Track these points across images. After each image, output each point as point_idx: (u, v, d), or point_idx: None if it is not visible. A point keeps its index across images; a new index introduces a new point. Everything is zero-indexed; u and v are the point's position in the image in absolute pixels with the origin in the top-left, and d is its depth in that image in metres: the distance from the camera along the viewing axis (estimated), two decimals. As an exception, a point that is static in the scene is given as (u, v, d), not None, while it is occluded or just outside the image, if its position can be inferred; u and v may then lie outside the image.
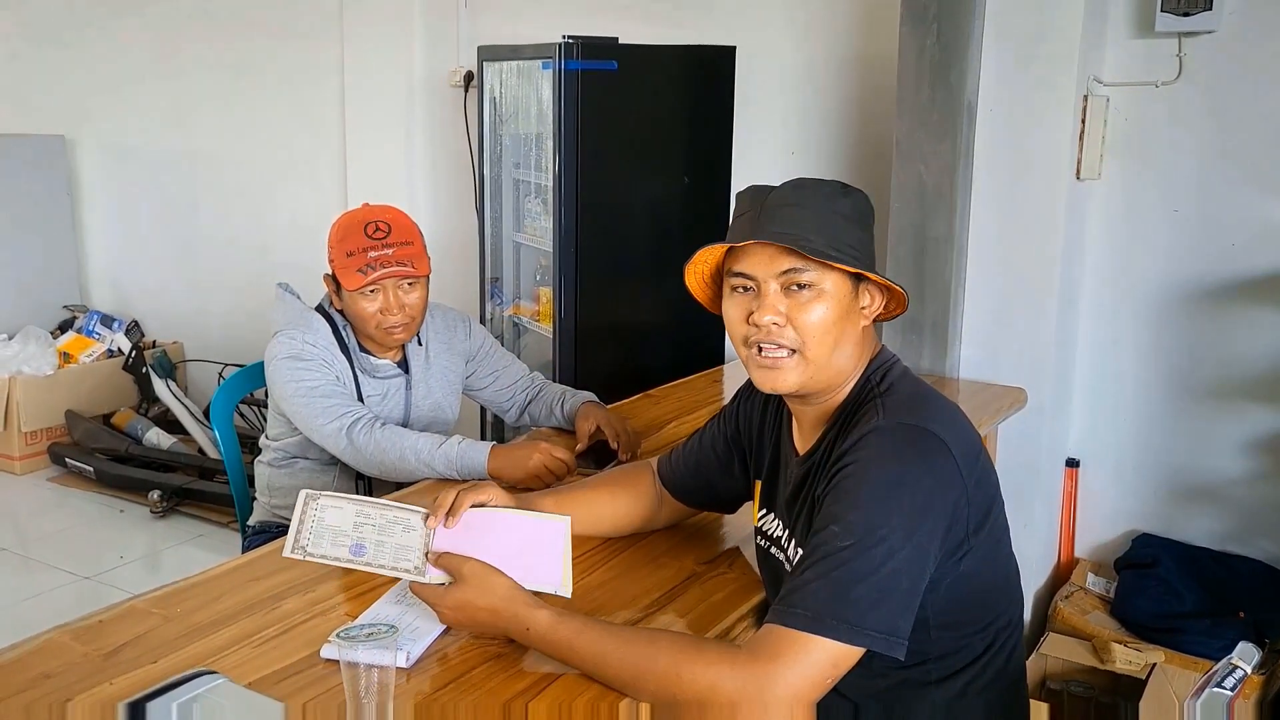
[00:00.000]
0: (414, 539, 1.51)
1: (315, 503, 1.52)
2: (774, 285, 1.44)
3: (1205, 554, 2.94)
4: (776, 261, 1.42)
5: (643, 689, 1.34)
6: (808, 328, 1.43)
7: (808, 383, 1.47)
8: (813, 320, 1.43)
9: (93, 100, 5.37)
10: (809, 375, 1.46)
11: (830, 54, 3.47)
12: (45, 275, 5.34)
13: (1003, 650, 1.55)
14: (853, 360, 1.50)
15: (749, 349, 1.48)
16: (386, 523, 1.52)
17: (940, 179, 2.83)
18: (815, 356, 1.45)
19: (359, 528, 1.50)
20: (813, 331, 1.44)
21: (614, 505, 1.84)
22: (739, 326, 1.48)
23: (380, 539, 1.50)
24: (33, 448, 4.74)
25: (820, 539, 1.35)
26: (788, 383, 1.46)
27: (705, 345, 3.49)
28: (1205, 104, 2.80)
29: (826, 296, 1.43)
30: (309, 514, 1.51)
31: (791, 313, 1.43)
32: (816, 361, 1.45)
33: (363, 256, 2.20)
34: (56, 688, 1.37)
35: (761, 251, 1.43)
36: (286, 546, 1.48)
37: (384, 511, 1.54)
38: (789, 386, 1.47)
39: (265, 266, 4.76)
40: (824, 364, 1.46)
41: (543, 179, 3.41)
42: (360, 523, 1.51)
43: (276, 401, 2.31)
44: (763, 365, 1.47)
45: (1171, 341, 2.96)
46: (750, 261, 1.45)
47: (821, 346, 1.44)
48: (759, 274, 1.44)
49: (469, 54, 4.04)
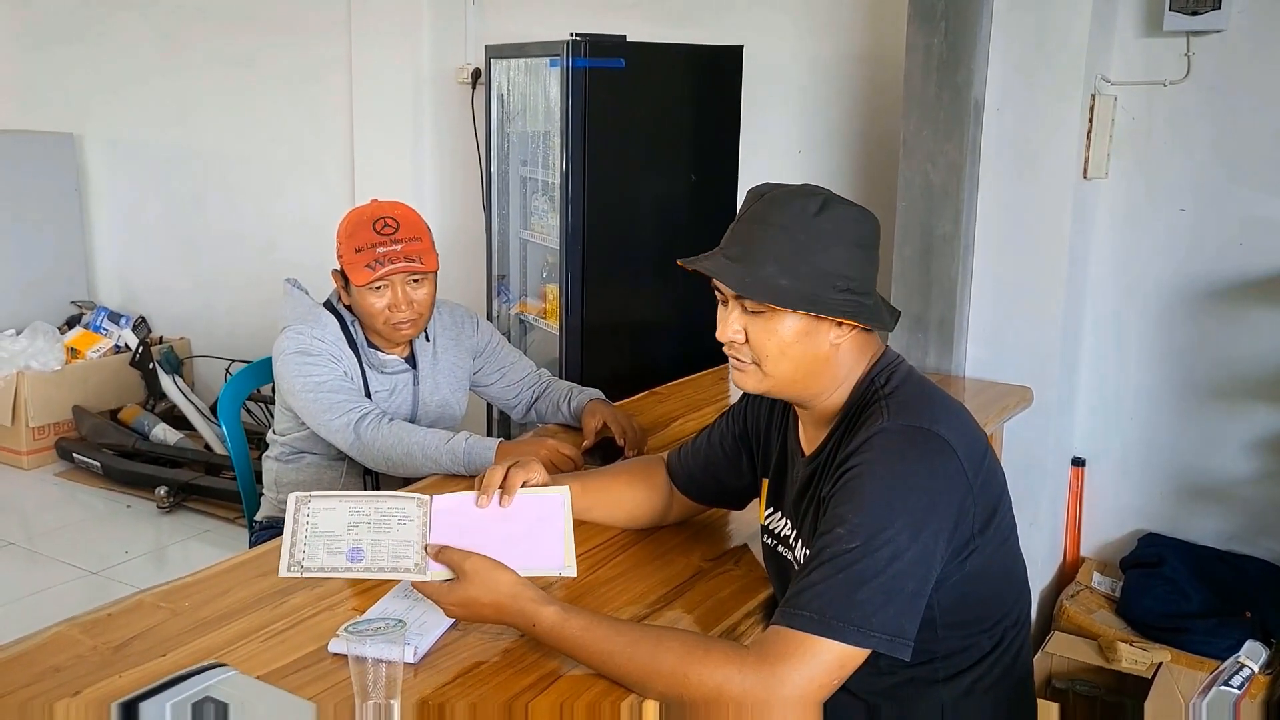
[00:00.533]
0: (411, 531, 1.49)
1: (307, 506, 1.49)
2: (733, 304, 1.48)
3: (1211, 553, 2.94)
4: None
5: (650, 688, 1.35)
6: (762, 349, 1.47)
7: (774, 391, 1.52)
8: (768, 343, 1.46)
9: (101, 98, 5.38)
10: (769, 386, 1.51)
11: (837, 52, 3.47)
12: (53, 271, 5.36)
13: (1010, 649, 1.55)
14: (827, 372, 1.50)
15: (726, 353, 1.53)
16: (381, 517, 1.49)
17: (947, 177, 2.83)
18: (773, 373, 1.49)
19: (354, 528, 1.47)
20: (767, 353, 1.47)
21: (632, 494, 1.85)
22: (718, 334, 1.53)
23: (376, 537, 1.47)
24: (40, 443, 4.76)
25: (826, 541, 1.36)
26: (750, 386, 1.52)
27: (711, 343, 3.45)
28: (1213, 103, 2.80)
29: (780, 319, 1.45)
30: (301, 521, 1.48)
31: (749, 332, 1.48)
32: (776, 378, 1.49)
33: (371, 252, 2.20)
34: (65, 680, 1.38)
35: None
36: (282, 565, 1.45)
37: (378, 504, 1.51)
38: (753, 389, 1.53)
39: (272, 263, 4.77)
40: (787, 380, 1.49)
41: (550, 176, 3.41)
42: (355, 522, 1.48)
43: (284, 397, 2.32)
44: (733, 367, 1.54)
45: (1178, 340, 2.95)
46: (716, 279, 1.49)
47: (778, 366, 1.48)
48: (724, 291, 1.49)
49: (477, 51, 4.04)
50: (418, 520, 1.50)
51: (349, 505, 1.51)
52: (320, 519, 1.48)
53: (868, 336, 1.53)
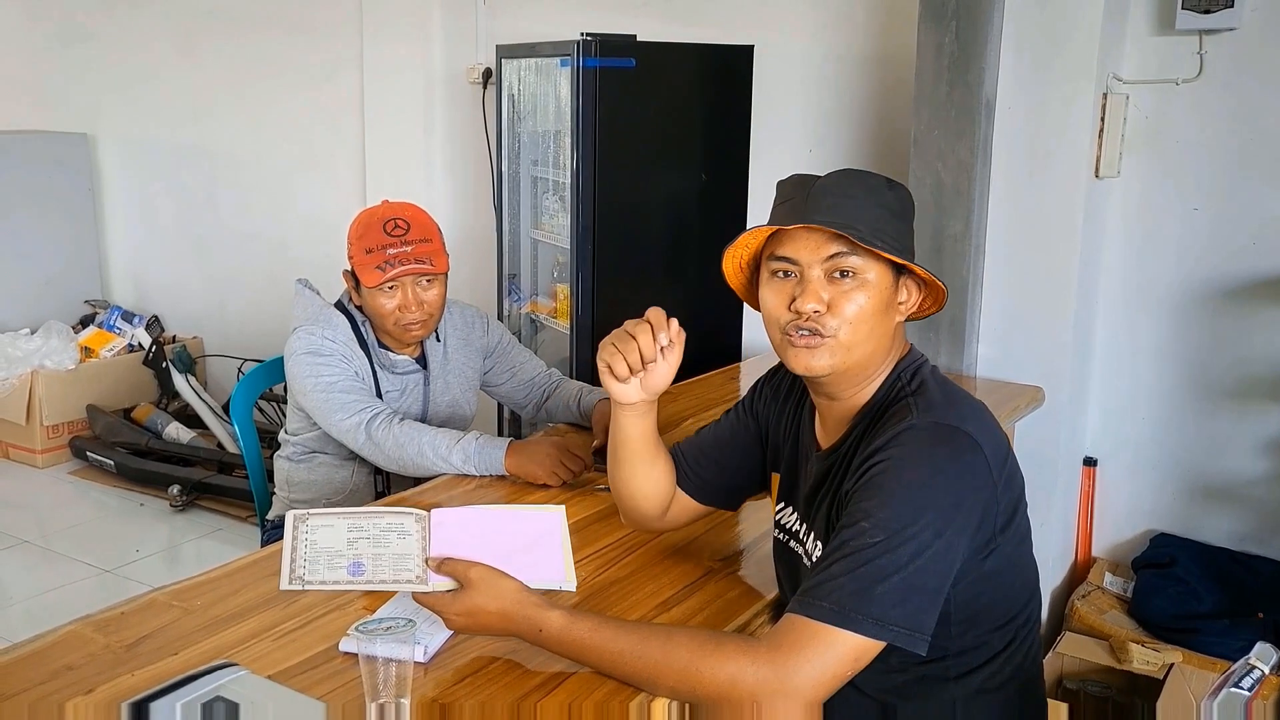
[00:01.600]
0: (411, 545, 1.48)
1: (305, 524, 1.48)
2: (818, 271, 1.43)
3: (1224, 554, 2.93)
4: (823, 247, 1.42)
5: (661, 685, 1.34)
6: (849, 316, 1.43)
7: (838, 368, 1.46)
8: (854, 308, 1.43)
9: (114, 97, 5.41)
10: (841, 360, 1.45)
11: (848, 51, 3.47)
12: (67, 270, 5.38)
13: (1021, 647, 1.55)
14: (882, 355, 1.50)
15: (784, 335, 1.47)
16: (380, 531, 1.48)
17: (958, 177, 2.83)
18: (851, 344, 1.45)
19: (353, 544, 1.46)
20: (853, 320, 1.43)
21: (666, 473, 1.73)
22: (780, 312, 1.47)
23: (377, 551, 1.46)
24: (54, 441, 4.78)
25: (849, 534, 1.35)
26: (821, 364, 1.46)
27: (722, 342, 3.50)
28: (1226, 102, 2.79)
29: (869, 286, 1.43)
30: (300, 537, 1.47)
31: (834, 300, 1.43)
32: (851, 349, 1.45)
33: (381, 254, 2.21)
34: (79, 678, 1.39)
35: (808, 237, 1.43)
36: (282, 579, 1.43)
37: (376, 520, 1.50)
38: (822, 369, 1.46)
39: (284, 262, 4.79)
40: (858, 353, 1.46)
41: (560, 176, 3.42)
42: (354, 537, 1.47)
43: (295, 397, 2.33)
44: (798, 345, 1.46)
45: (1190, 340, 2.94)
46: (795, 246, 1.44)
47: (858, 335, 1.44)
48: (804, 259, 1.43)
49: (487, 51, 4.05)
50: (417, 534, 1.49)
51: (347, 521, 1.49)
52: (319, 535, 1.47)
53: (901, 331, 1.54)
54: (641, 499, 1.73)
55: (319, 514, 1.50)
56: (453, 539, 1.49)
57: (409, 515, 1.51)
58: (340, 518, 1.50)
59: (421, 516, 1.51)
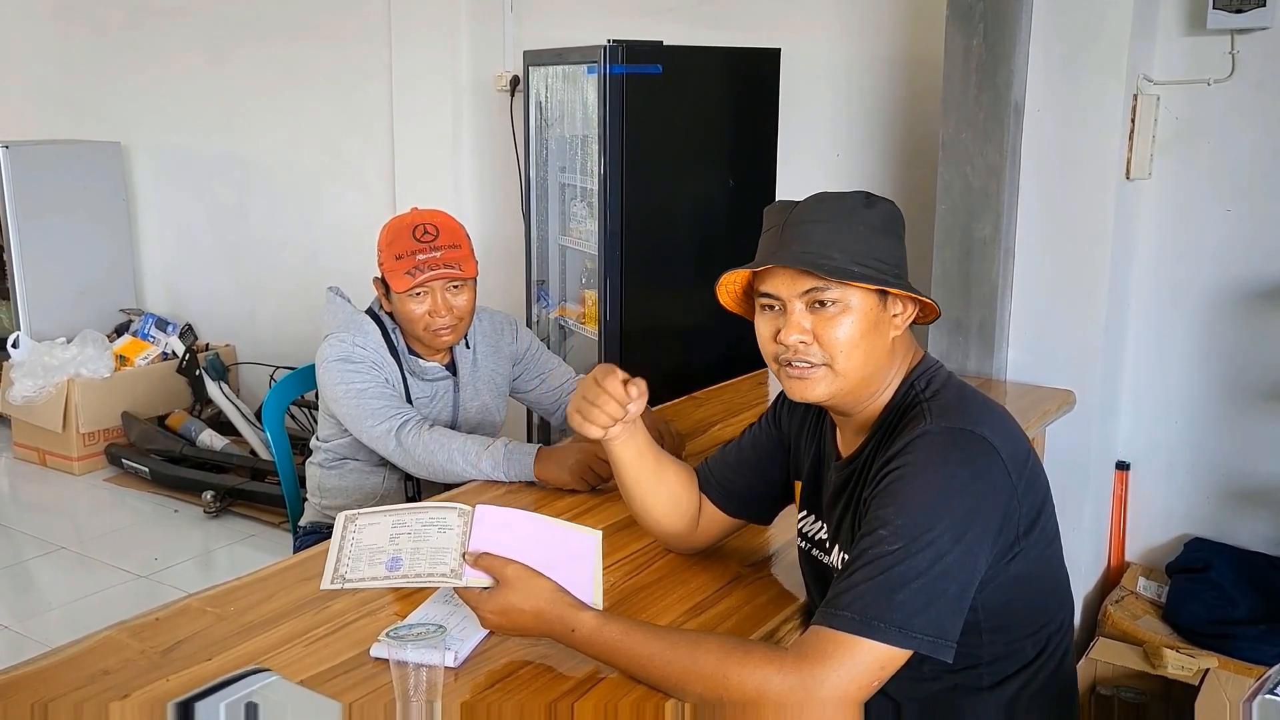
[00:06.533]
0: (450, 539, 1.48)
1: (354, 524, 1.49)
2: (798, 304, 1.45)
3: (1260, 559, 2.89)
4: (798, 282, 1.44)
5: (689, 691, 1.35)
6: (834, 343, 1.45)
7: (838, 393, 1.48)
8: (839, 336, 1.45)
9: (147, 107, 5.47)
10: (839, 387, 1.48)
11: (875, 55, 3.46)
12: (102, 279, 5.45)
13: (1054, 655, 1.54)
14: (887, 368, 1.50)
15: (779, 364, 1.50)
16: (422, 526, 1.49)
17: (987, 180, 2.81)
18: (845, 370, 1.46)
19: (395, 539, 1.47)
20: (840, 346, 1.45)
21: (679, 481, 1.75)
22: (769, 344, 1.51)
23: (416, 545, 1.47)
24: (90, 449, 4.84)
25: (868, 542, 1.36)
26: (817, 393, 1.48)
27: (749, 348, 3.44)
28: (1258, 102, 2.76)
29: (852, 311, 1.44)
30: (348, 537, 1.48)
31: (817, 329, 1.45)
32: (847, 374, 1.47)
33: (411, 259, 2.23)
34: (115, 684, 1.41)
35: (783, 272, 1.45)
36: (325, 578, 1.45)
37: (419, 515, 1.51)
38: (818, 397, 1.49)
39: (315, 270, 4.83)
40: (855, 376, 1.47)
41: (588, 182, 3.43)
42: (397, 534, 1.48)
43: (327, 403, 2.35)
44: (792, 376, 1.49)
45: (1223, 342, 2.91)
46: (774, 282, 1.47)
47: (850, 360, 1.46)
48: (783, 294, 1.46)
49: (515, 58, 4.06)
50: (458, 529, 1.49)
51: (392, 519, 1.50)
52: (365, 534, 1.48)
53: (909, 339, 1.54)
54: (662, 516, 1.75)
55: (368, 513, 1.51)
56: (491, 538, 1.49)
57: (452, 510, 1.51)
58: (386, 515, 1.51)
59: (465, 511, 1.51)
